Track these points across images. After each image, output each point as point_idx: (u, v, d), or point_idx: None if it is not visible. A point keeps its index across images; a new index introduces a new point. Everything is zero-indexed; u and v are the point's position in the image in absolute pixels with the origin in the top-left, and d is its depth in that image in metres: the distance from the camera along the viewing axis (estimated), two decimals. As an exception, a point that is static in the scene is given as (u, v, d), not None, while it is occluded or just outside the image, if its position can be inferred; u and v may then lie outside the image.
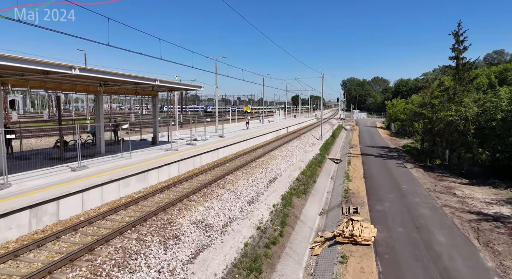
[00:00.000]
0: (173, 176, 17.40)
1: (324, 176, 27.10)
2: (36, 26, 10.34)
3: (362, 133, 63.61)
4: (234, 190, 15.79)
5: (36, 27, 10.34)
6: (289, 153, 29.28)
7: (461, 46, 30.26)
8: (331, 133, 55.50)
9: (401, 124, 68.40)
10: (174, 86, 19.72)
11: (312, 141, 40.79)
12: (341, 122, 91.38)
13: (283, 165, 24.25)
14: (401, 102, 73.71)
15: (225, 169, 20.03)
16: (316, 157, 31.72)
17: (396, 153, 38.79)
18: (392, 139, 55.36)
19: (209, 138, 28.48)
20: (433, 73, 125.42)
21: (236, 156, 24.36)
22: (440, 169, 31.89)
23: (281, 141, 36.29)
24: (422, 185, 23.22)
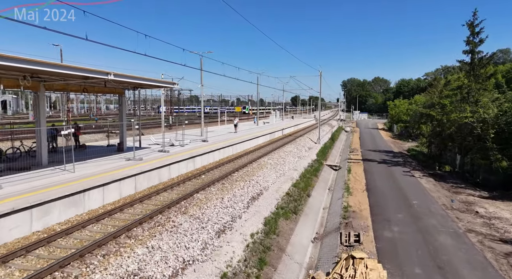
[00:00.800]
0: (127, 194, 13.73)
1: (321, 188, 23.38)
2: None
3: (363, 135, 59.91)
4: (200, 215, 12.10)
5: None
6: (281, 160, 25.58)
7: (477, 38, 26.52)
8: (330, 136, 51.80)
9: (404, 126, 64.69)
10: (135, 81, 16.05)
11: (309, 145, 37.09)
12: (341, 123, 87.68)
13: (272, 175, 20.55)
14: (404, 103, 70.01)
15: (198, 183, 16.33)
16: (312, 164, 28.01)
17: (401, 158, 35.06)
18: (395, 142, 51.63)
19: (189, 143, 24.80)
20: (435, 73, 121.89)
21: (217, 165, 20.67)
22: (452, 178, 28.19)
23: (274, 145, 32.61)
24: (436, 200, 19.51)
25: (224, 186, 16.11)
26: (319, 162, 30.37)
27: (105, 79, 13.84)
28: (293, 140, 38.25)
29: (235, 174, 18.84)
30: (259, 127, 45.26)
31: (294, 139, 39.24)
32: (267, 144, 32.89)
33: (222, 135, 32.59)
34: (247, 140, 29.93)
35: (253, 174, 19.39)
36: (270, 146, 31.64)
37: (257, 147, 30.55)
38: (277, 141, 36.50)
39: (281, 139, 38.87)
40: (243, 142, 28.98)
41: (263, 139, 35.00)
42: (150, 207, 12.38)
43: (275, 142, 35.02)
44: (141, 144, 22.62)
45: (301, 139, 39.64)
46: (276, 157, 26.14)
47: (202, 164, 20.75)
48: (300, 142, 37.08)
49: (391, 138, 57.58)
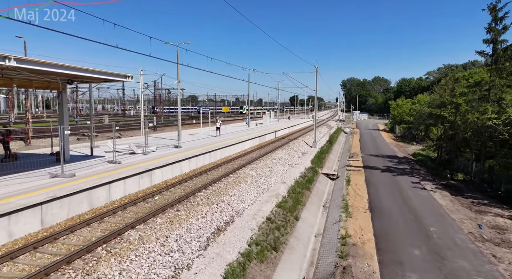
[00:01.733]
0: (19, 236, 9.43)
1: (313, 205, 19.07)
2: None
3: (364, 137, 55.58)
4: (117, 275, 7.78)
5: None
6: (268, 170, 21.28)
7: (500, 25, 22.18)
8: (328, 138, 47.46)
9: (407, 127, 60.40)
10: (61, 71, 11.74)
11: (303, 149, 32.77)
12: (340, 124, 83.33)
13: (251, 192, 16.27)
14: (407, 102, 65.69)
15: (141, 210, 11.99)
16: (305, 174, 23.72)
17: (407, 165, 30.73)
18: (398, 145, 47.30)
19: (156, 150, 20.49)
20: (438, 72, 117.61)
21: (183, 180, 16.38)
22: (469, 189, 23.94)
23: (262, 151, 28.32)
24: (459, 225, 15.22)
25: (178, 215, 11.78)
26: (314, 171, 26.06)
27: (1, 65, 9.61)
28: (285, 144, 33.94)
29: (200, 194, 14.50)
30: (250, 129, 40.96)
31: (287, 142, 34.93)
32: (254, 149, 28.59)
33: (202, 139, 28.29)
34: (230, 145, 25.64)
35: (225, 193, 15.08)
36: (257, 152, 27.34)
37: (241, 153, 26.25)
38: (267, 145, 32.19)
39: (273, 142, 34.56)
40: (225, 147, 24.69)
41: (251, 144, 30.69)
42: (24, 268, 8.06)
43: (265, 147, 30.72)
44: (92, 152, 18.32)
45: (295, 143, 35.32)
46: (261, 166, 21.83)
47: (164, 178, 16.44)
48: (294, 146, 32.77)
49: (393, 141, 53.28)
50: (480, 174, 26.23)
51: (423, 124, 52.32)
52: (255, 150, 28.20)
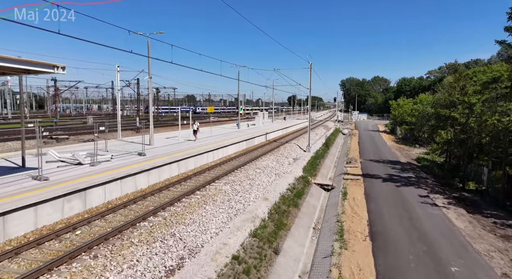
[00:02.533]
0: None
1: (301, 228, 15.39)
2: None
3: (363, 139, 51.89)
4: None
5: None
6: (248, 182, 17.63)
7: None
8: (324, 141, 43.77)
9: (408, 128, 56.71)
10: None
11: (295, 154, 29.10)
12: (338, 125, 79.65)
13: (219, 217, 12.61)
14: (408, 102, 61.98)
15: (34, 260, 8.35)
16: (294, 186, 20.06)
17: (412, 172, 27.05)
18: (400, 148, 43.62)
19: (112, 159, 16.81)
20: (439, 71, 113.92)
21: (131, 200, 12.71)
22: (485, 203, 20.45)
23: (248, 157, 24.68)
24: (486, 261, 11.56)
25: (90, 266, 8.08)
26: (305, 181, 22.39)
27: None
28: (276, 148, 30.26)
29: (143, 224, 10.79)
30: (239, 131, 37.30)
31: (278, 146, 31.25)
32: (238, 155, 24.90)
33: (179, 143, 24.63)
34: (207, 152, 21.99)
35: (181, 220, 11.41)
36: (241, 159, 23.69)
37: (222, 160, 22.59)
38: (255, 150, 28.51)
39: (262, 146, 30.88)
40: (201, 154, 21.03)
41: (235, 148, 27.01)
42: None
43: (251, 152, 27.06)
44: (24, 163, 14.63)
45: (286, 147, 31.63)
46: (241, 178, 18.17)
47: (107, 198, 12.77)
48: (285, 151, 29.08)
49: (394, 143, 49.60)
50: (496, 183, 22.60)
51: (427, 125, 48.95)
52: (239, 156, 24.53)
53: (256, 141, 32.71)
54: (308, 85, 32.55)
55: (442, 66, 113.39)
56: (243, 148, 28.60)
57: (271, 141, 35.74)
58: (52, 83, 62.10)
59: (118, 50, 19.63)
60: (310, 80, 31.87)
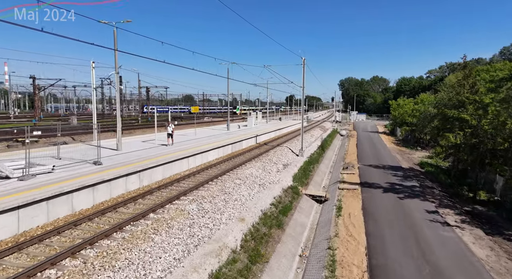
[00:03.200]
0: None
1: (284, 259, 12.33)
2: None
3: (361, 141, 48.87)
4: None
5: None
6: (223, 197, 14.59)
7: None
8: (320, 143, 40.72)
9: (409, 129, 53.73)
10: None
11: (286, 159, 26.07)
12: (336, 126, 76.63)
13: (171, 252, 9.56)
14: (409, 102, 58.97)
15: None
16: (280, 199, 17.05)
17: (415, 180, 24.03)
18: (401, 151, 40.60)
19: (55, 170, 13.74)
20: (440, 71, 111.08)
21: (52, 230, 9.65)
22: (503, 219, 17.41)
23: (230, 163, 21.63)
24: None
25: None
26: (294, 192, 19.36)
27: None
28: (265, 152, 27.21)
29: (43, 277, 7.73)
30: (228, 133, 34.27)
31: (268, 150, 28.20)
32: (220, 162, 21.83)
33: (150, 148, 21.56)
34: (182, 158, 18.95)
35: (112, 262, 8.33)
36: (221, 166, 20.64)
37: (198, 168, 19.52)
38: (240, 155, 25.44)
39: (249, 151, 27.83)
40: (173, 162, 17.99)
41: (218, 154, 23.96)
42: None
43: (235, 158, 24.00)
44: None
45: (277, 151, 28.58)
46: (214, 192, 15.13)
47: (22, 228, 9.71)
48: (274, 156, 26.04)
49: (395, 145, 46.56)
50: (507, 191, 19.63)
51: (429, 127, 45.96)
52: (220, 163, 21.46)
53: (244, 145, 29.66)
54: (303, 84, 29.51)
55: (442, 65, 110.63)
56: (227, 153, 25.55)
57: (262, 144, 32.69)
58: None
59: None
60: (304, 77, 28.84)
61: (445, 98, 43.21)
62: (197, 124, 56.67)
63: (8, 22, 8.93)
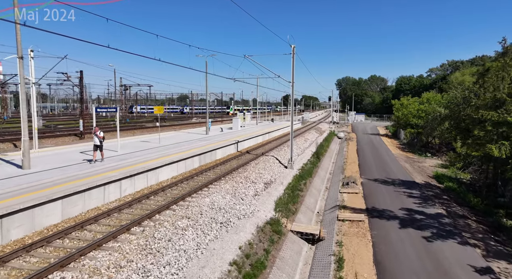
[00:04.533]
0: None
1: None
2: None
3: (362, 145, 42.84)
4: None
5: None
6: (145, 264, 8.44)
7: None
8: (315, 149, 34.66)
9: (414, 132, 47.84)
10: None
11: (269, 175, 19.98)
12: (333, 127, 70.63)
13: None
14: (413, 102, 53.09)
15: None
16: (248, 252, 10.92)
17: (439, 205, 18.00)
18: (409, 159, 34.61)
19: None
20: (441, 69, 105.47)
21: None
22: None
23: (188, 185, 15.46)
24: None
25: None
26: (275, 231, 13.26)
27: None
28: (244, 165, 21.09)
29: None
30: (205, 139, 28.19)
31: (248, 162, 22.08)
32: (174, 183, 15.61)
33: (77, 164, 15.33)
34: (104, 184, 12.77)
35: None
36: (172, 191, 14.47)
37: (128, 199, 13.34)
38: (208, 170, 19.26)
39: (223, 163, 21.68)
40: (72, 195, 11.81)
41: (176, 170, 17.77)
42: None
43: (199, 175, 17.83)
44: None
45: (259, 163, 22.44)
46: (128, 253, 8.97)
47: None
48: (254, 171, 19.91)
49: (400, 151, 40.58)
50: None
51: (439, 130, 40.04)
52: (172, 187, 15.26)
53: (219, 154, 23.52)
54: (292, 77, 23.39)
55: (444, 64, 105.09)
56: (191, 168, 19.40)
57: (243, 152, 26.57)
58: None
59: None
60: (293, 69, 22.71)
61: (459, 96, 37.39)
62: (178, 126, 50.51)
63: None
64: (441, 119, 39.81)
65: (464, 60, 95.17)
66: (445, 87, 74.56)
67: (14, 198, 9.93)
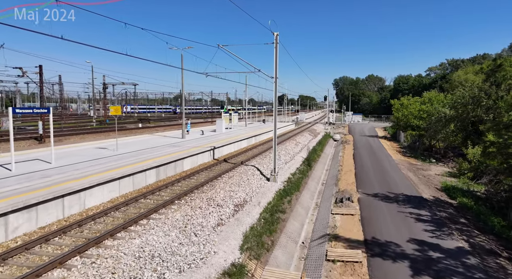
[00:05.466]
0: None
1: None
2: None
3: (360, 150, 38.78)
4: None
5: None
6: None
7: None
8: (306, 155, 30.58)
9: (416, 134, 43.85)
10: None
11: (245, 191, 15.86)
12: (328, 128, 66.61)
13: None
14: (414, 102, 49.08)
15: None
16: None
17: (456, 232, 13.96)
18: (412, 165, 30.56)
19: None
20: (441, 68, 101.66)
21: None
22: None
23: (115, 219, 11.21)
24: None
25: None
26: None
27: None
28: (213, 179, 16.94)
29: None
30: (175, 145, 24.08)
31: (220, 175, 17.92)
32: (112, 208, 11.48)
33: None
34: None
35: None
36: (96, 225, 10.32)
37: (26, 242, 9.20)
38: (165, 187, 15.09)
39: (189, 176, 17.50)
40: None
41: (120, 190, 13.61)
42: None
43: (150, 196, 13.66)
44: None
45: (235, 175, 18.28)
46: None
47: None
48: (224, 189, 15.75)
49: (401, 155, 36.54)
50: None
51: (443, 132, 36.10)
52: (95, 219, 11.11)
53: (186, 165, 19.37)
54: (275, 71, 19.23)
55: (443, 63, 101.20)
56: (142, 186, 15.25)
57: (221, 160, 22.41)
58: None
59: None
60: (276, 61, 18.56)
61: (467, 96, 33.42)
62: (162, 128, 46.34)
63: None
64: (446, 120, 35.95)
65: (465, 59, 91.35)
66: (446, 86, 70.66)
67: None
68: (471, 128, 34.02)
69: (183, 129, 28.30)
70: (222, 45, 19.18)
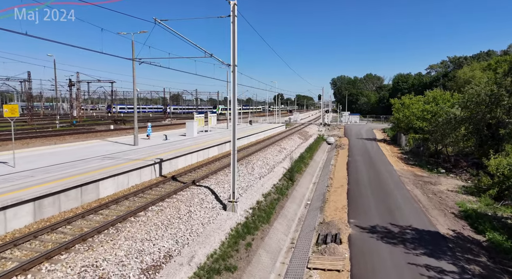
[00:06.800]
0: None
1: None
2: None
3: (355, 157, 33.06)
4: None
5: None
6: None
7: None
8: (290, 164, 24.87)
9: (419, 138, 38.20)
10: None
11: (176, 237, 10.17)
12: (323, 130, 60.91)
13: None
14: (417, 101, 43.44)
15: None
16: None
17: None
18: (417, 178, 24.90)
19: None
20: (442, 66, 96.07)
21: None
22: None
23: None
24: None
25: None
26: None
27: None
28: (136, 212, 11.24)
29: None
30: (113, 157, 18.38)
31: (146, 206, 12.23)
32: None
33: None
34: None
35: None
36: None
37: None
38: (34, 236, 9.40)
39: (106, 205, 11.78)
40: None
41: None
42: None
43: None
44: None
45: (170, 206, 12.55)
46: None
47: None
48: (140, 233, 10.07)
49: (404, 163, 30.85)
50: None
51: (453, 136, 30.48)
52: None
53: (108, 188, 13.65)
54: (232, 57, 13.56)
55: (444, 60, 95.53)
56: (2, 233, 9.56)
57: (168, 177, 16.68)
58: None
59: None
60: (234, 40, 12.93)
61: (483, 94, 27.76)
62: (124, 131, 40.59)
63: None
64: (456, 122, 30.36)
65: (468, 56, 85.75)
66: (449, 84, 65.07)
67: None
68: (486, 132, 28.43)
69: (135, 134, 22.58)
70: (160, 20, 13.54)
